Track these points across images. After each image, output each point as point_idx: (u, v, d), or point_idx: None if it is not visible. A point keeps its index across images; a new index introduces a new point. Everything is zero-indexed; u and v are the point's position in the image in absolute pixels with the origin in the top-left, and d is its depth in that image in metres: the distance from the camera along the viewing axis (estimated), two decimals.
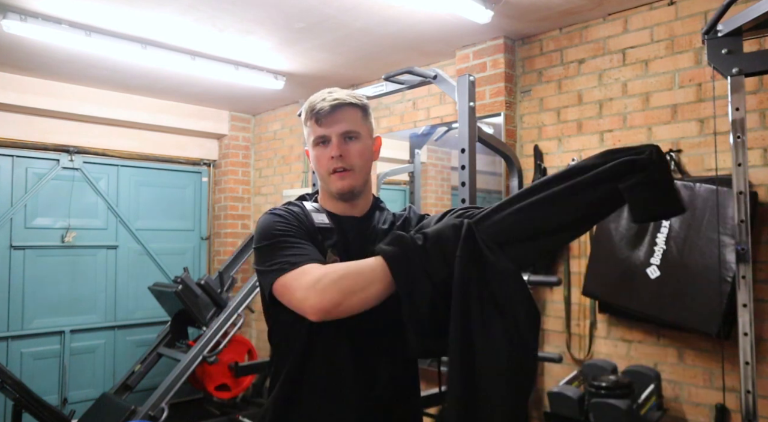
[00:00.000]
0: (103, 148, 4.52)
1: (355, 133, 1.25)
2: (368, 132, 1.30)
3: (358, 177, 1.25)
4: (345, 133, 1.24)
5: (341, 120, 1.23)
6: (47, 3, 2.79)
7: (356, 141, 1.25)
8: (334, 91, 1.27)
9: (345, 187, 1.24)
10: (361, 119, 1.28)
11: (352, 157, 1.24)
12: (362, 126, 1.28)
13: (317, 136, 1.25)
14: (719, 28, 1.87)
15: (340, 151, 1.22)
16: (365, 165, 1.28)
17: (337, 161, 1.22)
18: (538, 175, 3.05)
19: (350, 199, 1.27)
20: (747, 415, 1.78)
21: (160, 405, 3.40)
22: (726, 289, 2.23)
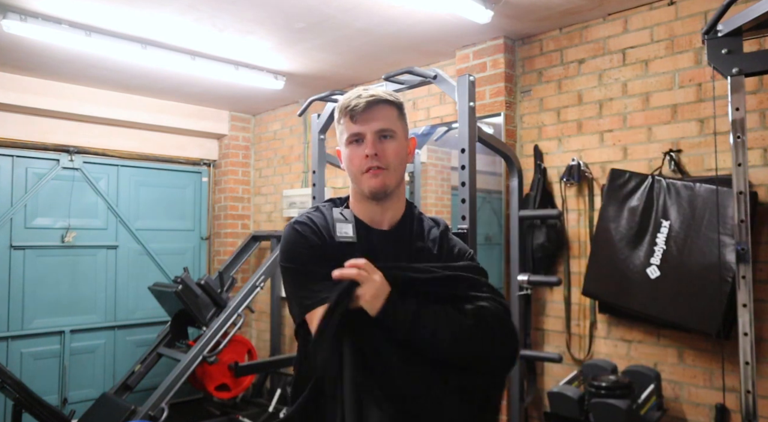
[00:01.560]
0: (103, 148, 4.52)
1: (391, 132, 1.21)
2: (404, 131, 1.25)
3: (392, 176, 1.20)
4: (380, 131, 1.19)
5: (377, 117, 1.19)
6: (47, 3, 2.79)
7: (392, 140, 1.21)
8: (369, 88, 1.23)
9: (378, 185, 1.19)
10: (397, 118, 1.24)
11: (387, 155, 1.19)
12: (398, 125, 1.23)
13: (351, 134, 1.20)
14: (719, 28, 1.87)
15: (375, 149, 1.18)
16: (400, 165, 1.23)
17: (372, 160, 1.18)
18: (538, 175, 3.05)
19: (382, 199, 1.23)
20: (747, 415, 1.78)
21: (160, 405, 3.40)
22: (726, 289, 2.23)
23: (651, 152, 2.72)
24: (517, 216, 2.98)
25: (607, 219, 2.66)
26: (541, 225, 2.98)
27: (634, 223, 2.58)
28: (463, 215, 2.32)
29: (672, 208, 2.48)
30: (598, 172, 2.90)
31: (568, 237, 2.99)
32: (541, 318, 3.08)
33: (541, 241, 2.97)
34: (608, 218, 2.66)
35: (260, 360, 4.40)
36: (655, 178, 2.57)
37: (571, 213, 2.99)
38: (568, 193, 3.00)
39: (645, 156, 2.74)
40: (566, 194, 3.01)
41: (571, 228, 2.99)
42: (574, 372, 2.76)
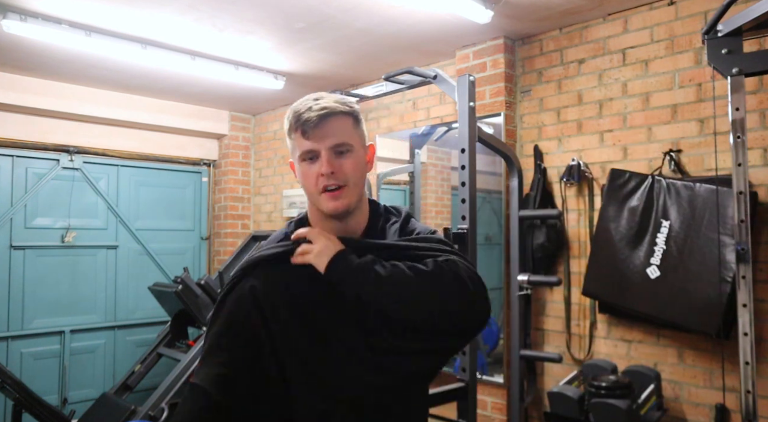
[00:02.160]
0: (103, 148, 4.52)
1: (347, 146, 1.12)
2: (361, 142, 1.17)
3: (352, 193, 1.13)
4: (336, 146, 1.10)
5: (331, 132, 1.10)
6: (47, 3, 2.79)
7: (349, 154, 1.12)
8: (321, 98, 1.13)
9: (339, 207, 1.11)
10: (353, 128, 1.14)
11: (345, 173, 1.11)
12: (354, 136, 1.14)
13: (304, 151, 1.11)
14: (719, 28, 1.87)
15: (331, 167, 1.09)
16: (360, 179, 1.15)
17: (328, 179, 1.10)
18: (538, 175, 3.05)
19: (344, 218, 1.16)
20: (747, 415, 1.78)
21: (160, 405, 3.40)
22: (726, 289, 2.23)
23: (651, 152, 2.72)
24: (517, 216, 2.98)
25: (607, 219, 2.66)
26: (541, 225, 2.98)
27: (634, 223, 2.58)
28: (463, 215, 2.32)
29: (672, 208, 2.48)
30: (598, 172, 2.90)
31: (568, 237, 2.99)
32: (541, 318, 3.08)
33: (541, 241, 2.97)
34: (608, 218, 2.66)
35: None
36: (655, 178, 2.57)
37: (571, 213, 2.99)
38: (568, 193, 3.00)
39: (645, 156, 2.74)
40: (566, 194, 3.01)
41: (571, 228, 2.99)
42: (574, 372, 2.76)
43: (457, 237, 2.26)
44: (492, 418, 3.12)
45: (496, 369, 3.14)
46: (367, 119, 4.16)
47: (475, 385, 2.24)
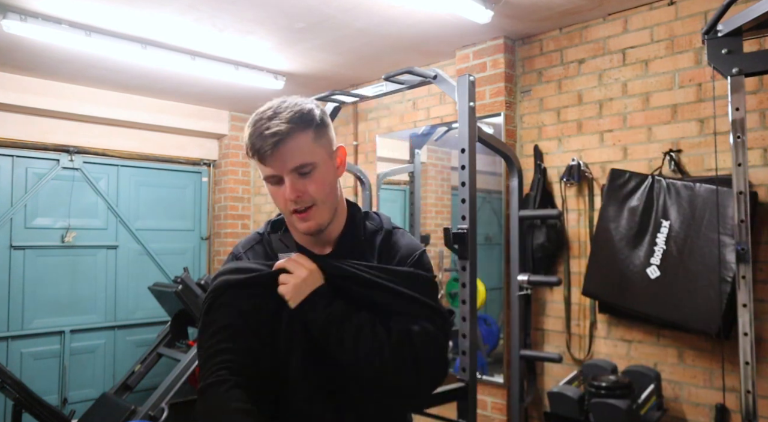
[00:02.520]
0: (103, 148, 4.52)
1: (309, 165, 1.06)
2: (325, 153, 1.11)
3: (323, 210, 1.11)
4: (297, 168, 1.06)
5: (289, 156, 1.04)
6: (47, 3, 2.79)
7: (313, 173, 1.07)
8: (274, 117, 1.05)
9: (311, 227, 1.11)
10: (313, 143, 1.08)
11: (310, 194, 1.07)
12: (316, 151, 1.08)
13: (266, 176, 1.08)
14: (719, 28, 1.86)
15: (295, 192, 1.06)
16: (329, 194, 1.11)
17: (295, 203, 1.07)
18: (538, 175, 3.05)
19: (319, 234, 1.15)
20: (747, 415, 1.78)
21: (160, 405, 3.40)
22: (726, 289, 2.23)
23: (651, 152, 2.72)
24: (517, 216, 2.98)
25: (607, 219, 2.66)
26: (541, 226, 2.98)
27: (634, 223, 2.58)
28: (463, 215, 2.32)
29: (672, 208, 2.48)
30: (598, 172, 2.90)
31: (568, 237, 2.99)
32: (541, 318, 3.08)
33: (541, 241, 2.97)
34: (608, 218, 2.66)
35: None
36: (655, 178, 2.57)
37: (571, 213, 2.99)
38: (568, 193, 3.00)
39: (645, 156, 2.74)
40: (566, 194, 3.01)
41: (571, 228, 2.99)
42: (574, 372, 2.76)
43: (457, 237, 2.26)
44: (492, 418, 3.12)
45: (496, 369, 3.14)
46: (367, 119, 4.16)
47: (475, 385, 2.24)
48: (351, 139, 4.24)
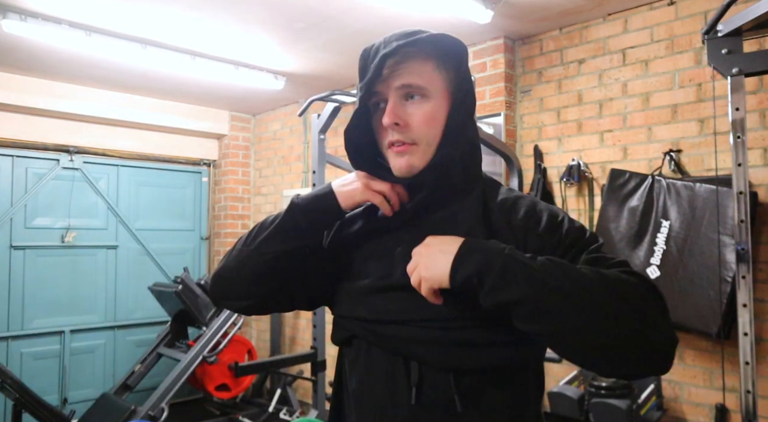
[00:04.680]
0: (103, 148, 4.52)
1: (420, 89, 0.89)
2: (445, 88, 0.92)
3: (424, 152, 0.91)
4: (403, 87, 0.90)
5: (396, 74, 0.90)
6: (47, 3, 2.79)
7: (422, 101, 0.90)
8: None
9: (402, 166, 0.91)
10: (433, 71, 0.91)
11: (413, 124, 0.90)
12: (434, 78, 0.91)
13: (371, 102, 0.94)
14: (719, 28, 1.87)
15: (394, 116, 0.89)
16: (436, 137, 0.91)
17: (391, 132, 0.91)
18: (538, 175, 3.06)
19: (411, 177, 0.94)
20: (747, 415, 1.78)
21: (160, 405, 3.40)
22: (726, 289, 2.23)
23: (651, 152, 2.72)
24: None
25: (607, 219, 2.66)
26: None
27: (634, 223, 2.58)
28: None
29: (672, 208, 2.48)
30: (598, 172, 2.90)
31: None
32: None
33: None
34: (608, 218, 2.66)
35: (260, 360, 4.40)
36: (655, 178, 2.57)
37: (571, 213, 2.99)
38: (568, 193, 3.00)
39: (645, 156, 2.74)
40: (566, 194, 3.01)
41: None
42: (574, 372, 2.76)
43: None
44: None
45: None
46: None
47: None
48: None
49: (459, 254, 0.79)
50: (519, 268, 0.75)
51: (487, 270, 0.76)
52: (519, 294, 0.73)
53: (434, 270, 0.79)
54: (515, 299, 0.74)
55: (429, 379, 0.86)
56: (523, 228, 0.87)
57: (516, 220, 0.88)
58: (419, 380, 0.86)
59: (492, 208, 0.92)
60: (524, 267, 0.75)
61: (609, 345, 0.73)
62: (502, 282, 0.74)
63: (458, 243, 0.80)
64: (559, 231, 0.86)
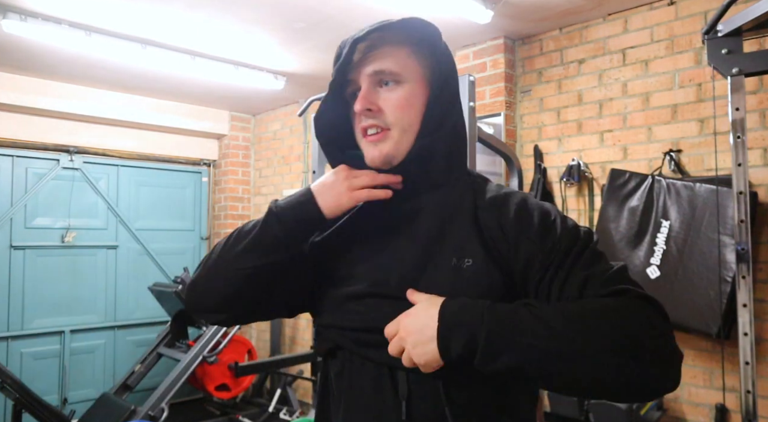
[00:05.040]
0: (103, 148, 4.52)
1: (393, 75, 0.87)
2: (421, 75, 0.90)
3: (400, 140, 0.88)
4: (376, 73, 0.88)
5: (370, 59, 0.89)
6: (47, 3, 2.79)
7: (395, 87, 0.88)
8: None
9: (375, 156, 0.89)
10: (408, 57, 0.89)
11: (386, 110, 0.87)
12: (409, 65, 0.89)
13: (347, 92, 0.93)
14: (719, 28, 1.87)
15: (366, 102, 0.87)
16: (413, 123, 0.88)
17: (364, 118, 0.89)
18: (538, 175, 3.05)
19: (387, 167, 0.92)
20: (747, 415, 1.78)
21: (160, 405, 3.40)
22: (726, 289, 2.23)
23: (651, 152, 2.72)
24: None
25: (607, 219, 2.66)
26: None
27: (634, 223, 2.58)
28: None
29: (672, 208, 2.48)
30: (598, 172, 2.90)
31: None
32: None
33: None
34: (608, 218, 2.66)
35: (260, 360, 4.40)
36: (655, 178, 2.57)
37: (571, 213, 2.99)
38: (568, 193, 3.00)
39: (645, 156, 2.74)
40: (566, 194, 3.01)
41: None
42: None
43: None
44: None
45: None
46: None
47: None
48: None
49: (442, 335, 0.74)
50: (504, 338, 0.71)
51: (473, 346, 0.72)
52: (510, 364, 0.71)
53: (425, 357, 0.75)
54: (507, 369, 0.72)
55: (418, 391, 0.82)
56: (515, 231, 0.83)
57: (507, 221, 0.84)
58: (408, 393, 0.82)
59: (482, 206, 0.87)
60: (510, 333, 0.71)
61: (610, 388, 0.72)
62: (490, 356, 0.72)
63: (436, 317, 0.75)
64: (552, 235, 0.82)
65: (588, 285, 0.77)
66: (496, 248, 0.83)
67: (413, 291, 0.82)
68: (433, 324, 0.75)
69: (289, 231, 0.87)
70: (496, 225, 0.84)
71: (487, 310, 0.73)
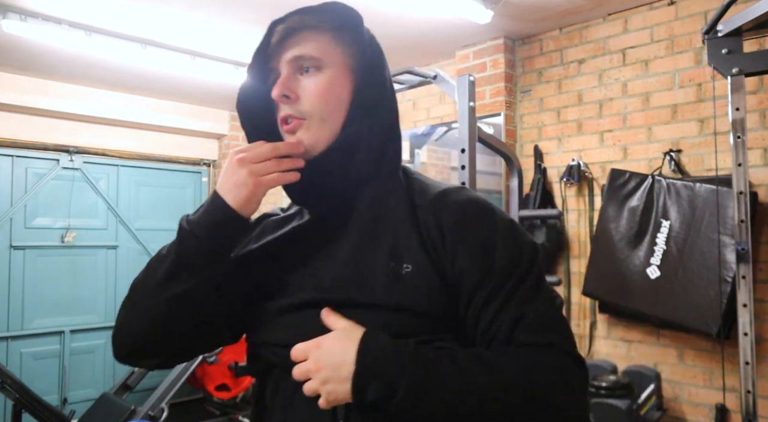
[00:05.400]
0: (103, 148, 4.52)
1: (314, 60, 0.84)
2: (344, 62, 0.86)
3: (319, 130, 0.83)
4: (296, 59, 0.85)
5: (290, 45, 0.88)
6: (47, 3, 2.79)
7: (317, 74, 0.84)
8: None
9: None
10: (329, 44, 0.86)
11: (305, 97, 0.83)
12: (330, 51, 0.85)
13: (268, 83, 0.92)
14: (719, 28, 1.87)
15: (284, 88, 0.86)
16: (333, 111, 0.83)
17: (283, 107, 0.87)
18: (538, 175, 3.05)
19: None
20: (747, 415, 1.78)
21: (160, 405, 3.40)
22: (726, 289, 2.23)
23: (651, 152, 2.72)
24: (517, 216, 2.98)
25: (607, 219, 2.66)
26: (541, 225, 2.98)
27: (634, 223, 2.58)
28: None
29: (672, 208, 2.48)
30: (598, 172, 2.90)
31: (568, 237, 2.99)
32: None
33: (541, 241, 2.97)
34: (608, 218, 2.66)
35: None
36: (655, 178, 2.57)
37: (571, 213, 2.99)
38: (568, 193, 3.00)
39: (645, 156, 2.74)
40: (566, 194, 3.01)
41: (571, 228, 2.99)
42: None
43: None
44: None
45: None
46: None
47: None
48: None
49: (358, 379, 0.68)
50: (425, 393, 0.67)
51: (390, 395, 0.67)
52: (423, 416, 0.68)
53: (335, 396, 0.69)
54: (419, 419, 0.69)
55: (356, 410, 0.72)
56: (454, 238, 0.76)
57: (447, 223, 0.78)
58: (346, 414, 0.73)
59: (421, 204, 0.81)
60: (431, 388, 0.68)
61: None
62: (405, 408, 0.68)
63: (354, 357, 0.69)
64: (491, 253, 0.75)
65: (519, 326, 0.73)
66: (434, 250, 0.77)
67: (329, 313, 0.75)
68: (350, 364, 0.69)
69: (207, 241, 0.79)
70: (435, 227, 0.78)
71: (411, 359, 0.68)
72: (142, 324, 0.80)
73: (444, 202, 0.80)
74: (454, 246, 0.76)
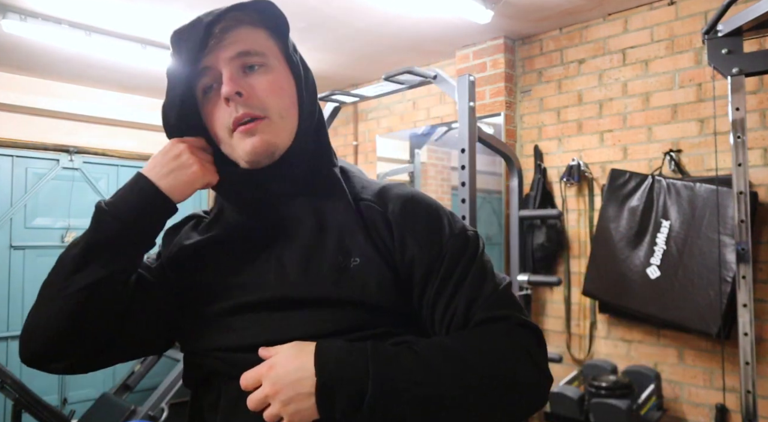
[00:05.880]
0: (103, 148, 4.52)
1: (258, 56, 0.80)
2: (283, 57, 0.83)
3: (279, 127, 0.80)
4: (240, 55, 0.79)
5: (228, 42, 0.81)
6: (47, 3, 2.79)
7: (263, 70, 0.80)
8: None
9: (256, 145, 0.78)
10: (266, 39, 0.83)
11: (259, 93, 0.79)
12: (269, 46, 0.82)
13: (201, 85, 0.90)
14: (719, 28, 1.87)
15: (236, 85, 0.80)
16: (289, 109, 0.81)
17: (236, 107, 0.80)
18: (538, 175, 3.05)
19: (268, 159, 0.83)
20: (747, 415, 1.78)
21: (160, 405, 3.40)
22: (726, 289, 2.23)
23: (651, 152, 2.72)
24: (517, 216, 2.98)
25: (607, 219, 2.66)
26: (541, 225, 2.98)
27: (634, 223, 2.58)
28: (463, 215, 2.32)
29: (672, 208, 2.48)
30: (598, 172, 2.90)
31: (568, 237, 2.99)
32: (541, 318, 3.08)
33: (541, 241, 2.97)
34: (608, 218, 2.66)
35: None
36: (655, 178, 2.57)
37: (571, 213, 2.99)
38: (568, 193, 3.00)
39: (645, 156, 2.74)
40: (566, 194, 3.01)
41: (571, 228, 2.99)
42: (574, 372, 2.76)
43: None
44: None
45: None
46: (367, 119, 4.16)
47: None
48: (351, 139, 4.24)
49: (323, 390, 0.64)
50: (394, 390, 0.65)
51: (359, 401, 0.64)
52: (396, 416, 0.65)
53: (300, 415, 0.65)
54: (392, 420, 0.66)
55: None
56: (401, 227, 0.77)
57: (393, 215, 0.78)
58: None
59: (364, 198, 0.81)
60: (398, 384, 0.65)
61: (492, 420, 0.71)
62: (377, 410, 0.64)
63: (312, 370, 0.65)
64: (439, 240, 0.76)
65: (474, 307, 0.74)
66: (382, 242, 0.76)
67: (265, 349, 0.70)
68: (310, 378, 0.65)
69: (134, 225, 0.75)
70: (381, 219, 0.78)
71: (372, 359, 0.66)
72: (51, 323, 0.75)
73: (388, 196, 0.80)
74: (401, 237, 0.76)
